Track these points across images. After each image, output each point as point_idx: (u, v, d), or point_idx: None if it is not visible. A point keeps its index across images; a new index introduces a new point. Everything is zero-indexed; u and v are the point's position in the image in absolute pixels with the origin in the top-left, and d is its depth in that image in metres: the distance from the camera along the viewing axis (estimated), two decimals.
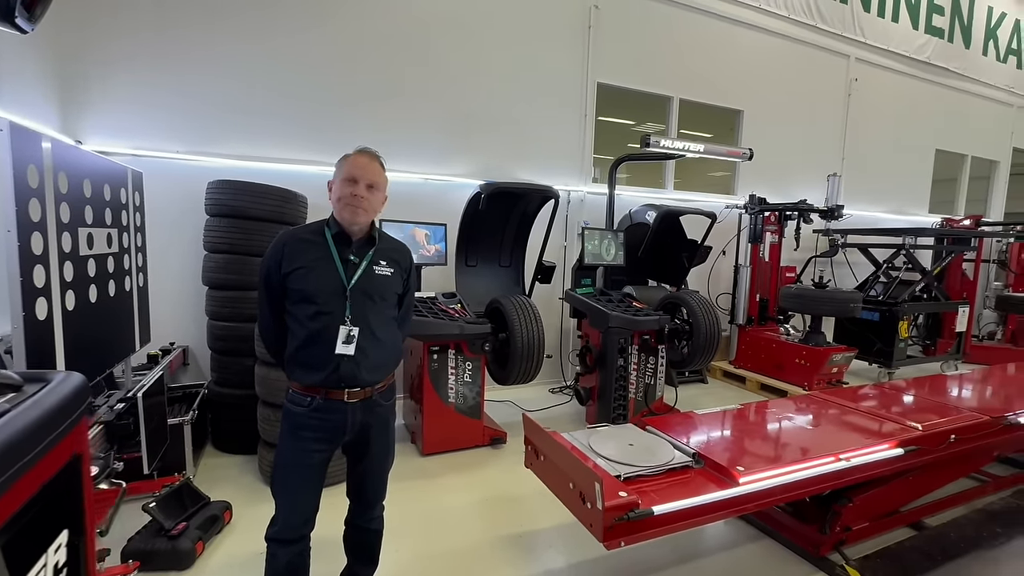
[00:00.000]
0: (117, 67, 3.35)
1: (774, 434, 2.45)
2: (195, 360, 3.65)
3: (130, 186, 2.60)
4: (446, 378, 3.28)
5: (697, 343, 3.82)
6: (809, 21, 6.15)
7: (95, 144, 3.30)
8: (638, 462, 1.98)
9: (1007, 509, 2.70)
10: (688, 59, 5.49)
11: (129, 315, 2.56)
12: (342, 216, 1.62)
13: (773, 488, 1.92)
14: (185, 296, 3.55)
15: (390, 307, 1.71)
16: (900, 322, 5.12)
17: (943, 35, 7.32)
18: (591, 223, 4.81)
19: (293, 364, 1.61)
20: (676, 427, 2.40)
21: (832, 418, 2.64)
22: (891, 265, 5.57)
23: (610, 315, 3.54)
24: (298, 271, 1.57)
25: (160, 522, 2.17)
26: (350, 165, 1.61)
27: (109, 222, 2.30)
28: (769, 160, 5.83)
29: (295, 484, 1.61)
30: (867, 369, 5.51)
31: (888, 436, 2.33)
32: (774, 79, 6.05)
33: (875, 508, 2.42)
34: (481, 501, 2.74)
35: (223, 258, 3.13)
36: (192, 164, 3.56)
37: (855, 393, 3.10)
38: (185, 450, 2.75)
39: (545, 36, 4.72)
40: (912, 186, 7.55)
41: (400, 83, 4.19)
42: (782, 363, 4.91)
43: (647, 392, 3.84)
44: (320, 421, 1.59)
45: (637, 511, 1.65)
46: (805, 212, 5.05)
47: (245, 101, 3.70)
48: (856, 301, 4.60)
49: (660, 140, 4.26)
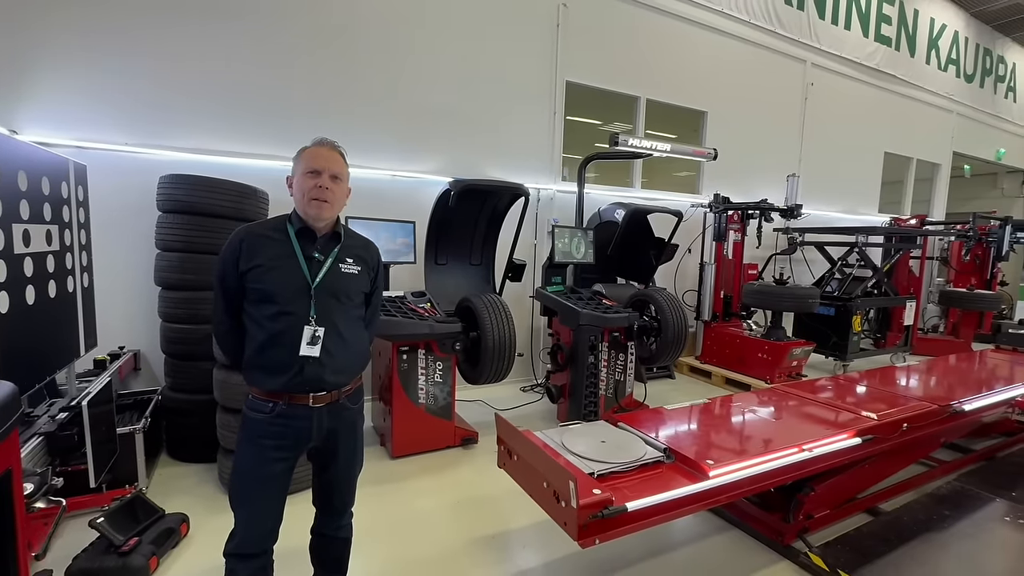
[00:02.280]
0: (58, 55, 3.13)
1: (740, 427, 2.51)
2: (147, 365, 3.46)
3: (72, 180, 2.43)
4: (416, 379, 3.21)
5: (666, 339, 3.88)
6: (768, 26, 6.36)
7: (33, 135, 3.07)
8: (610, 459, 1.98)
9: (953, 492, 2.85)
10: (654, 60, 5.58)
11: (72, 318, 2.40)
12: (307, 211, 1.54)
13: (742, 480, 1.96)
14: (136, 297, 3.36)
15: (356, 307, 1.64)
16: (854, 317, 5.36)
17: (891, 43, 7.71)
18: (561, 221, 4.82)
19: (252, 368, 1.52)
20: (647, 423, 2.42)
21: (794, 410, 2.72)
22: (845, 262, 5.83)
23: (581, 313, 3.56)
24: (257, 269, 1.48)
25: (109, 538, 2.03)
26: (311, 157, 1.53)
27: (48, 218, 2.14)
28: (732, 160, 5.99)
29: (255, 495, 1.52)
30: (823, 362, 5.74)
31: (846, 426, 2.42)
32: (736, 82, 6.22)
33: (835, 496, 2.52)
34: (453, 503, 2.70)
35: (177, 257, 2.97)
36: (142, 157, 3.36)
37: (814, 386, 3.21)
38: (137, 460, 2.60)
39: (514, 33, 4.69)
40: (863, 187, 7.92)
41: (366, 77, 4.08)
42: (745, 358, 5.06)
43: (617, 388, 3.88)
44: (282, 428, 1.51)
45: (611, 508, 1.65)
46: (766, 211, 5.21)
47: (200, 93, 3.52)
48: (814, 297, 4.78)
49: (628, 139, 4.31)
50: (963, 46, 8.87)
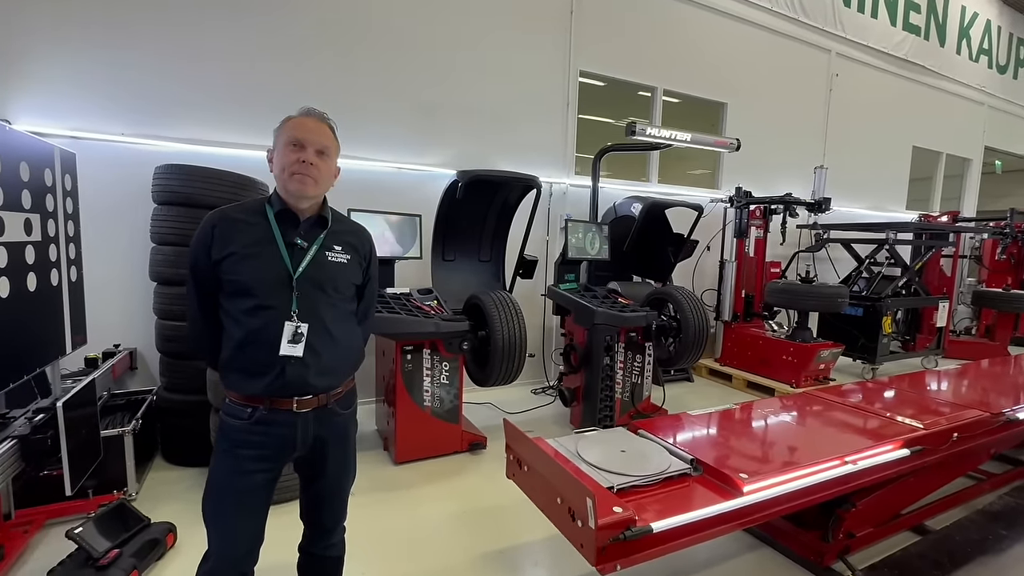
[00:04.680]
0: (50, 44, 3.01)
1: (773, 436, 2.29)
2: (144, 364, 3.33)
3: (58, 167, 2.29)
4: (421, 380, 3.04)
5: (686, 340, 3.66)
6: (791, 14, 6.09)
7: (26, 124, 2.96)
8: (632, 471, 1.78)
9: (1007, 509, 2.60)
10: (672, 49, 5.35)
11: (57, 313, 2.26)
12: (287, 189, 1.37)
13: (780, 496, 1.75)
14: (133, 293, 3.23)
15: (346, 300, 1.47)
16: (884, 317, 5.07)
17: (920, 32, 7.37)
18: (574, 216, 4.62)
19: (229, 369, 1.35)
20: (669, 430, 2.21)
21: (830, 418, 2.49)
22: (873, 260, 5.54)
23: (596, 311, 3.35)
24: (231, 257, 1.31)
25: (87, 550, 1.88)
26: (294, 128, 1.36)
27: (27, 206, 2.00)
28: (753, 154, 5.73)
29: (231, 511, 1.34)
30: (850, 365, 5.45)
31: (890, 436, 2.19)
32: (758, 72, 5.96)
33: (879, 512, 2.28)
34: (459, 514, 2.51)
35: (172, 250, 2.83)
36: (138, 148, 3.24)
37: (848, 391, 2.97)
38: (126, 465, 2.46)
39: (526, 21, 4.50)
40: (890, 182, 7.59)
41: (371, 66, 3.92)
42: (769, 360, 4.81)
43: (634, 391, 3.67)
44: (263, 436, 1.33)
45: (634, 529, 1.45)
46: (791, 206, 4.95)
47: (198, 83, 3.39)
48: (843, 296, 4.51)
49: (646, 128, 4.09)
50: (996, 35, 8.47)
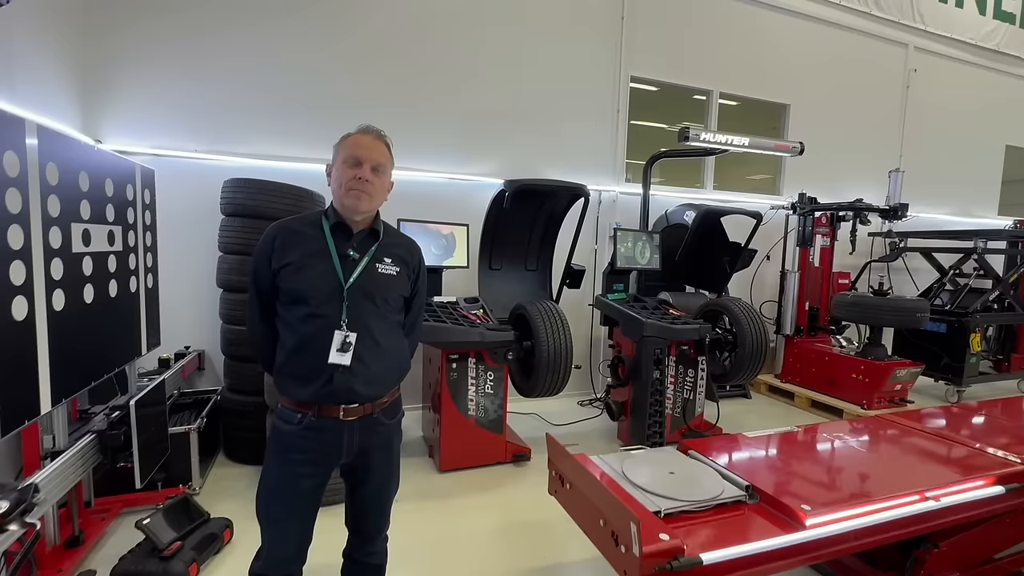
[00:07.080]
0: (136, 69, 3.31)
1: (841, 464, 2.11)
2: (211, 365, 3.55)
3: (138, 183, 2.50)
4: (466, 389, 3.05)
5: (742, 355, 3.47)
6: (863, 8, 5.70)
7: (115, 144, 3.26)
8: (681, 495, 1.69)
9: None
10: (729, 50, 5.14)
11: (134, 317, 2.45)
12: (343, 203, 1.41)
13: (847, 533, 1.60)
14: (202, 299, 3.46)
15: (394, 311, 1.49)
16: (972, 334, 4.60)
17: (1014, 20, 6.69)
18: (624, 224, 4.52)
19: (283, 376, 1.41)
20: (723, 452, 2.09)
21: (908, 446, 2.26)
22: (958, 271, 5.04)
23: (645, 323, 3.25)
24: (288, 267, 1.37)
25: (153, 541, 2.01)
26: (352, 145, 1.41)
27: (111, 219, 2.19)
28: (817, 158, 5.38)
29: (282, 513, 1.40)
30: (932, 386, 4.98)
31: (981, 470, 1.96)
32: (824, 71, 5.62)
33: (966, 555, 2.04)
34: (501, 527, 2.49)
35: (236, 259, 3.01)
36: (210, 163, 3.48)
37: (930, 416, 2.69)
38: (191, 461, 2.62)
39: (575, 27, 4.48)
40: (979, 185, 6.90)
41: (422, 79, 4.02)
42: (836, 378, 4.47)
43: (685, 408, 3.51)
44: (311, 442, 1.38)
45: (682, 560, 1.36)
46: (862, 212, 4.60)
47: (262, 101, 3.61)
48: (923, 310, 4.13)
49: (700, 133, 3.94)
50: None
